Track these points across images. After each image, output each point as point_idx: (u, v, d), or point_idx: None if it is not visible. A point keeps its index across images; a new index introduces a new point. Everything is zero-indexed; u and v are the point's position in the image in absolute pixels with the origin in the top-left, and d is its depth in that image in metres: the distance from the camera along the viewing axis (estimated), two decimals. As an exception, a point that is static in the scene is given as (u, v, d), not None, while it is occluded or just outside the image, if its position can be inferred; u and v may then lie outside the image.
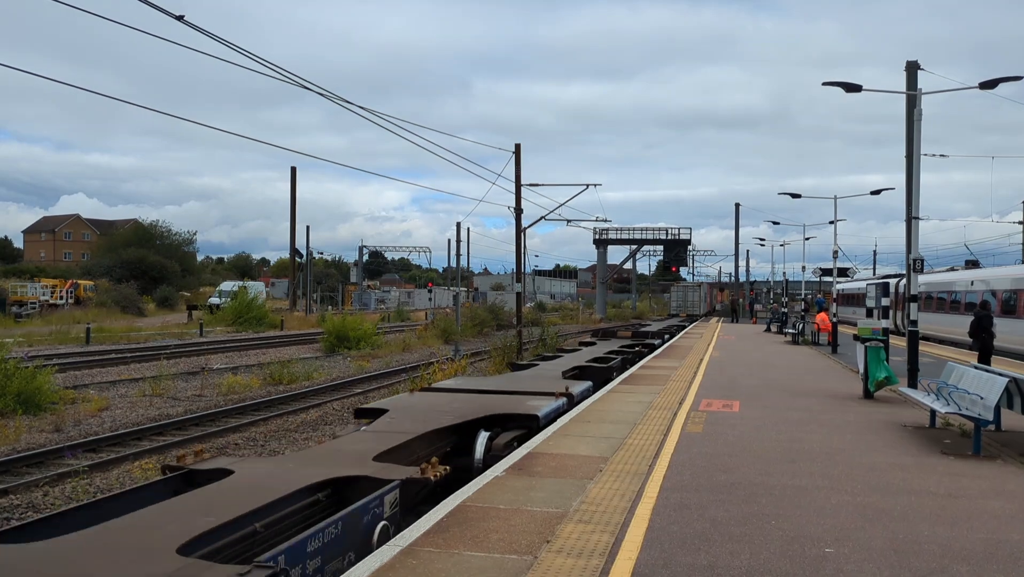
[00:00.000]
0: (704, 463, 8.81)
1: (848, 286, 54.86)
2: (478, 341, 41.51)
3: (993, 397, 9.69)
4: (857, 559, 5.71)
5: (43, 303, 53.98)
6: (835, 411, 13.06)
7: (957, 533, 6.40)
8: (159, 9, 10.68)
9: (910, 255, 16.00)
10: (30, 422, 15.76)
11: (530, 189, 34.87)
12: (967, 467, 8.93)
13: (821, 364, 22.41)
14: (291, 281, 69.87)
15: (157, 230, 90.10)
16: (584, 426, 11.08)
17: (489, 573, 5.33)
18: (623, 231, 75.89)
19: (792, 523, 6.59)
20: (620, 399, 13.96)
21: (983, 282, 27.98)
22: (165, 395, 20.18)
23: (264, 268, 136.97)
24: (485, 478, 7.96)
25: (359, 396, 21.23)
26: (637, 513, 6.78)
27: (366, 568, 5.38)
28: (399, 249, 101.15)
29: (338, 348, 34.57)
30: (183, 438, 15.00)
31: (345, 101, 17.12)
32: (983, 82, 15.68)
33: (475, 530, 6.24)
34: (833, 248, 31.19)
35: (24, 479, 11.77)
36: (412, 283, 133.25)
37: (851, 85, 16.72)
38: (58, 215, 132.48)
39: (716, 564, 5.57)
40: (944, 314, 31.93)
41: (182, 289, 78.68)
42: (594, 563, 5.54)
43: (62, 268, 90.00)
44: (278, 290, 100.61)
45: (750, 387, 16.10)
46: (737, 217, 63.00)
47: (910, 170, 17.16)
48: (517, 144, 32.08)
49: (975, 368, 11.32)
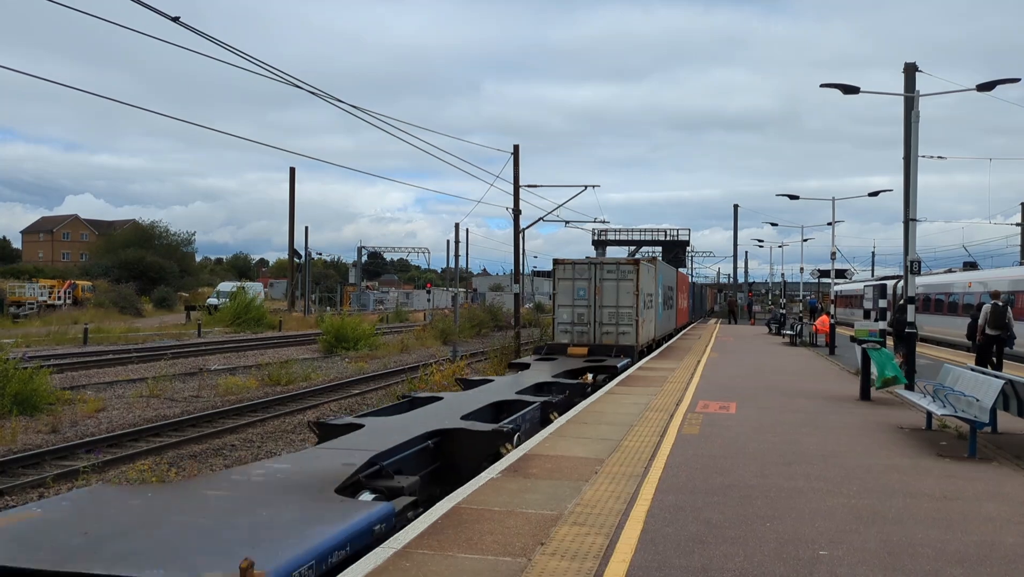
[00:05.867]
0: (700, 465, 8.81)
1: (846, 288, 54.87)
2: (476, 342, 41.51)
3: (989, 399, 9.69)
4: (851, 561, 5.72)
5: (41, 303, 53.93)
6: (832, 413, 13.06)
7: (952, 536, 6.40)
8: (155, 11, 10.68)
9: (908, 257, 16.00)
10: (27, 423, 15.74)
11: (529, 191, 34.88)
12: (963, 469, 8.94)
13: (818, 366, 22.41)
14: (290, 282, 69.85)
15: (155, 230, 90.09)
16: (580, 427, 11.08)
17: (483, 575, 5.33)
18: (622, 232, 75.92)
19: (787, 525, 6.59)
20: (617, 400, 13.96)
21: (981, 284, 28.00)
22: (163, 396, 20.17)
23: (263, 269, 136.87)
24: (480, 480, 7.96)
25: (357, 397, 21.23)
26: (632, 515, 6.77)
27: (360, 570, 5.38)
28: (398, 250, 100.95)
29: (336, 349, 34.57)
30: (180, 439, 14.99)
31: (351, 105, 17.21)
32: (980, 84, 15.69)
33: (469, 532, 6.24)
34: (831, 249, 31.22)
35: (20, 480, 11.76)
36: (411, 284, 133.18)
37: (849, 87, 16.71)
38: (57, 215, 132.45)
39: (710, 566, 5.57)
40: (942, 316, 31.96)
41: (180, 290, 78.62)
42: (588, 565, 5.54)
43: (60, 268, 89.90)
44: (277, 291, 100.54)
45: (747, 389, 16.10)
46: (736, 218, 63.09)
47: (908, 172, 17.19)
48: (515, 145, 32.12)
49: (972, 370, 11.33)
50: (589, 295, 22.52)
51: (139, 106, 54.83)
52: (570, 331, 22.55)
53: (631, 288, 22.34)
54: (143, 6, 10.70)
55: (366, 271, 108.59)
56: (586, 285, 22.54)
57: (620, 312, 22.38)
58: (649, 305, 24.85)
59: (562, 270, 22.94)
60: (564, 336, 22.53)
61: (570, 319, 22.60)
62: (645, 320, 23.78)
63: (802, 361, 23.89)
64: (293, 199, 61.56)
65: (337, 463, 7.73)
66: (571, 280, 22.66)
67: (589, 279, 22.56)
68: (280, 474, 7.42)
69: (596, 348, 21.75)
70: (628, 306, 22.37)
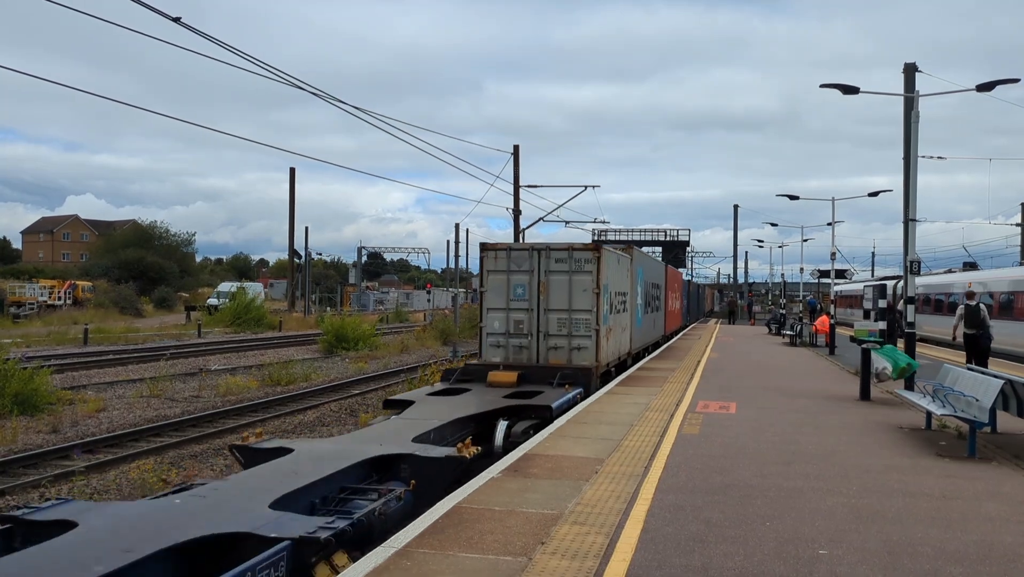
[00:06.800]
0: (700, 465, 8.83)
1: (846, 288, 54.90)
2: (477, 342, 41.48)
3: (988, 399, 9.70)
4: (851, 561, 5.73)
5: (41, 304, 53.95)
6: (831, 413, 13.08)
7: (951, 535, 6.41)
8: (156, 11, 10.70)
9: (907, 257, 16.02)
10: (27, 423, 15.76)
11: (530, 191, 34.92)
12: (962, 469, 8.95)
13: (818, 366, 22.43)
14: (290, 282, 69.86)
15: (156, 231, 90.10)
16: (581, 427, 11.10)
17: (483, 575, 5.34)
18: (622, 232, 75.95)
19: (787, 524, 6.61)
20: (617, 400, 13.97)
21: (981, 284, 28.02)
22: (163, 396, 20.18)
23: (263, 269, 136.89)
24: (481, 479, 7.97)
25: (357, 397, 21.25)
26: (632, 514, 6.79)
27: (361, 569, 5.39)
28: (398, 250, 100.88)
29: (336, 349, 34.58)
30: (181, 439, 15.01)
31: (353, 106, 17.27)
32: (980, 85, 15.71)
33: (470, 532, 6.25)
34: (831, 250, 31.24)
35: (21, 480, 11.78)
36: (411, 284, 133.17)
37: (848, 87, 16.73)
38: (57, 216, 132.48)
39: (710, 565, 5.58)
40: (942, 316, 31.97)
41: (180, 290, 78.64)
42: (588, 564, 5.55)
43: (60, 269, 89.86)
44: (277, 291, 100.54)
45: (747, 389, 16.11)
46: (736, 219, 63.12)
47: (908, 172, 17.21)
48: (516, 145, 32.19)
49: (971, 370, 11.34)
50: (530, 294, 16.09)
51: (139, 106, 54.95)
52: (504, 345, 16.28)
53: (589, 284, 15.89)
54: (144, 6, 10.72)
55: (366, 271, 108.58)
56: (526, 280, 16.06)
57: (574, 319, 15.96)
58: (620, 308, 18.80)
59: (492, 258, 16.28)
60: (496, 353, 16.35)
61: (504, 328, 16.24)
62: (613, 329, 17.62)
63: (802, 361, 23.90)
64: (293, 199, 61.57)
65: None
66: (505, 273, 16.14)
67: (530, 271, 16.04)
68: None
69: (536, 372, 15.40)
70: (585, 310, 15.91)
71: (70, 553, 5.58)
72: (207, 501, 6.89)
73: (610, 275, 17.11)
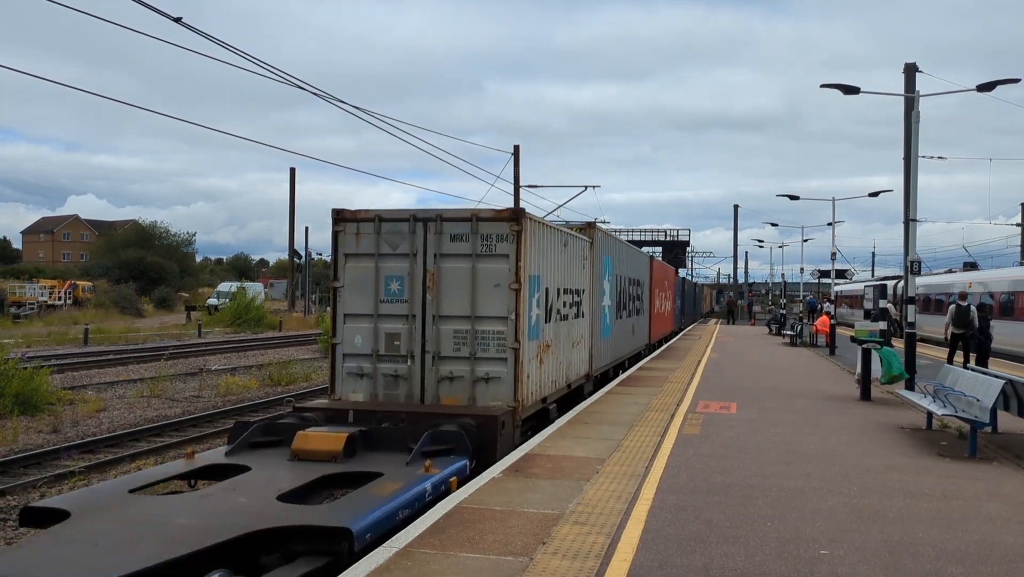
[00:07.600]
0: (701, 465, 8.83)
1: (846, 288, 54.93)
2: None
3: (989, 399, 9.70)
4: (852, 561, 5.73)
5: (41, 304, 53.95)
6: (832, 413, 13.08)
7: (952, 535, 6.41)
8: (157, 11, 10.70)
9: (908, 257, 16.02)
10: (28, 423, 15.75)
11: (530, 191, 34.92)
12: (963, 469, 8.95)
13: (819, 366, 22.42)
14: (290, 282, 69.86)
15: (156, 231, 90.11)
16: (581, 428, 11.09)
17: (484, 574, 5.34)
18: (623, 232, 75.96)
19: (787, 524, 6.61)
20: (617, 400, 13.98)
21: (981, 284, 28.01)
22: (163, 396, 20.18)
23: (263, 269, 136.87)
24: (482, 479, 7.97)
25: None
26: (633, 515, 6.79)
27: (362, 569, 5.39)
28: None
29: (336, 349, 34.51)
30: (181, 439, 15.01)
31: (354, 107, 17.25)
32: (981, 85, 15.72)
33: (471, 531, 6.25)
34: (832, 250, 31.25)
35: (22, 480, 11.78)
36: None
37: (849, 87, 16.74)
38: (57, 216, 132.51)
39: (711, 565, 5.58)
40: (942, 316, 31.94)
41: (181, 290, 78.63)
42: (590, 565, 5.56)
43: (60, 269, 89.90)
44: (277, 291, 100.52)
45: (747, 389, 16.12)
46: (736, 219, 63.14)
47: (908, 172, 17.22)
48: (516, 145, 32.19)
49: (972, 370, 11.34)
50: (411, 291, 10.38)
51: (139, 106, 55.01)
52: (369, 374, 10.48)
53: (505, 274, 10.16)
54: (145, 6, 10.72)
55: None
56: (405, 269, 10.36)
57: (480, 331, 10.23)
58: (568, 313, 13.05)
59: (353, 235, 10.58)
60: (356, 386, 10.53)
61: (369, 347, 10.46)
62: (552, 346, 11.99)
63: (802, 361, 23.90)
64: (293, 199, 61.54)
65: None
66: (372, 257, 10.47)
67: (411, 254, 10.36)
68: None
69: (417, 418, 9.47)
70: (496, 317, 10.21)
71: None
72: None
73: (544, 262, 11.38)
